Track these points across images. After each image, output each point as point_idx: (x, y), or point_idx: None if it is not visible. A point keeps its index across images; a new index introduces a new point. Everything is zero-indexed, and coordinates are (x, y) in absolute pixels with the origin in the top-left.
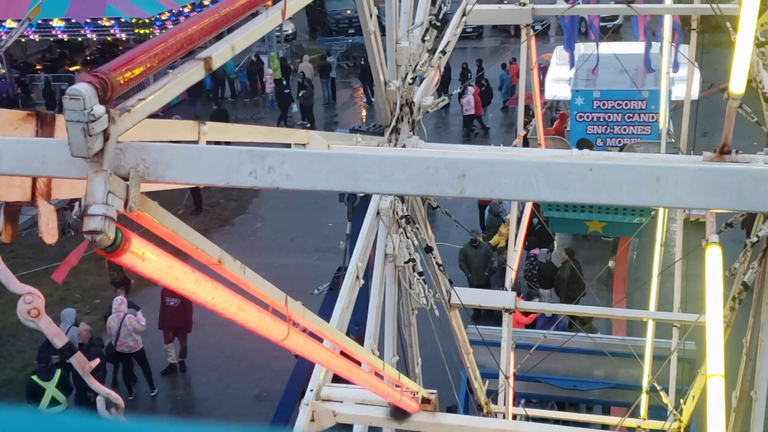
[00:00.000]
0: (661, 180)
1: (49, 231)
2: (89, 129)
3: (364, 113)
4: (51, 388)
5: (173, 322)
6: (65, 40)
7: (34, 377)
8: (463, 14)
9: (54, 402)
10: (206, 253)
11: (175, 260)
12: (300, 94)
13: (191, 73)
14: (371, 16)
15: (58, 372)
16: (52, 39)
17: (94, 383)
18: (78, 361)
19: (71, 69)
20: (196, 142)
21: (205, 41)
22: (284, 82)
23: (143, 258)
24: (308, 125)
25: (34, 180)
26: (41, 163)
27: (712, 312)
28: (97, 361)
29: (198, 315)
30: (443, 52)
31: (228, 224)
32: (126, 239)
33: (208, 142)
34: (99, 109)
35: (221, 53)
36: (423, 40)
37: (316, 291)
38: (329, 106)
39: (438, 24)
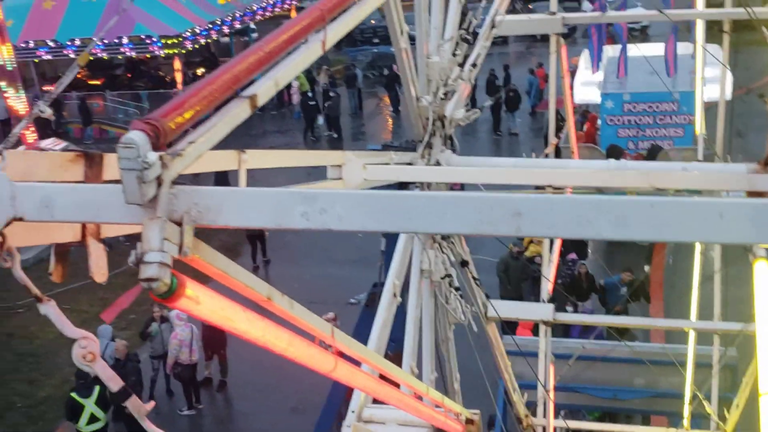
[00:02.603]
0: (724, 216)
1: (99, 270)
2: (143, 176)
3: (390, 122)
4: (90, 405)
5: (207, 341)
6: (104, 58)
7: (74, 394)
8: (493, 26)
9: (93, 418)
10: (256, 290)
11: (227, 301)
12: (326, 105)
13: (238, 112)
14: (402, 33)
15: (97, 388)
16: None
17: (150, 427)
18: (134, 404)
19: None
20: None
21: (250, 80)
22: (309, 94)
23: (198, 302)
24: (335, 136)
25: None
26: (95, 210)
27: (762, 329)
28: (152, 404)
29: None
30: (474, 65)
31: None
32: (181, 284)
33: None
34: (152, 156)
35: (265, 90)
36: (453, 54)
37: (352, 300)
38: (356, 116)
39: (468, 38)
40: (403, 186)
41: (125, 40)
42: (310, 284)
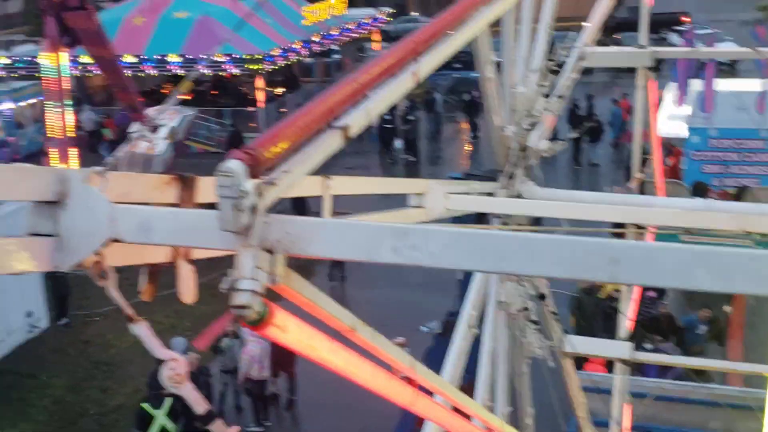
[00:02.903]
0: None
1: (188, 291)
2: (239, 204)
3: (468, 148)
4: (161, 417)
5: (276, 358)
6: (181, 74)
7: (145, 405)
8: (580, 58)
9: (163, 430)
10: (340, 320)
11: (313, 330)
12: (405, 129)
13: (331, 143)
14: (489, 62)
15: (168, 400)
16: (168, 74)
17: None
18: (218, 428)
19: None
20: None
21: (344, 111)
22: (386, 117)
23: (285, 330)
24: (412, 159)
25: None
26: (190, 235)
27: None
28: (237, 428)
29: None
30: (560, 97)
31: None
32: (271, 312)
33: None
34: (249, 185)
35: (358, 120)
36: (540, 85)
37: (424, 329)
38: (434, 141)
39: (556, 69)
40: (481, 215)
41: (215, 57)
42: (381, 307)
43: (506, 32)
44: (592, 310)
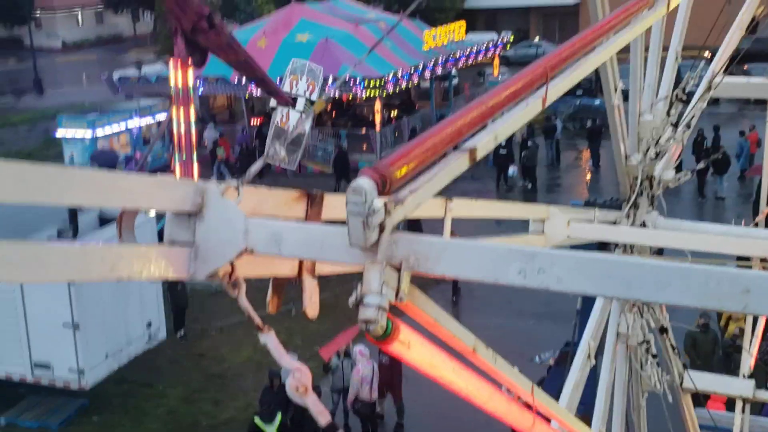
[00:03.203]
0: None
1: (311, 305)
2: (368, 221)
3: (588, 177)
4: (271, 431)
5: (383, 379)
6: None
7: (256, 419)
8: (709, 88)
9: None
10: (462, 340)
11: (435, 349)
12: (522, 155)
13: (457, 164)
14: (616, 89)
15: (279, 415)
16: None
17: None
18: None
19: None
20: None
21: (471, 133)
22: (502, 143)
23: (409, 347)
24: (529, 186)
25: None
26: (319, 249)
27: None
28: None
29: (413, 370)
30: (687, 126)
31: (444, 282)
32: (395, 329)
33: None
34: (378, 203)
35: (485, 143)
36: (667, 114)
37: (536, 359)
38: (553, 168)
39: (684, 98)
40: (602, 244)
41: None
42: (492, 335)
43: (635, 59)
44: (707, 349)
